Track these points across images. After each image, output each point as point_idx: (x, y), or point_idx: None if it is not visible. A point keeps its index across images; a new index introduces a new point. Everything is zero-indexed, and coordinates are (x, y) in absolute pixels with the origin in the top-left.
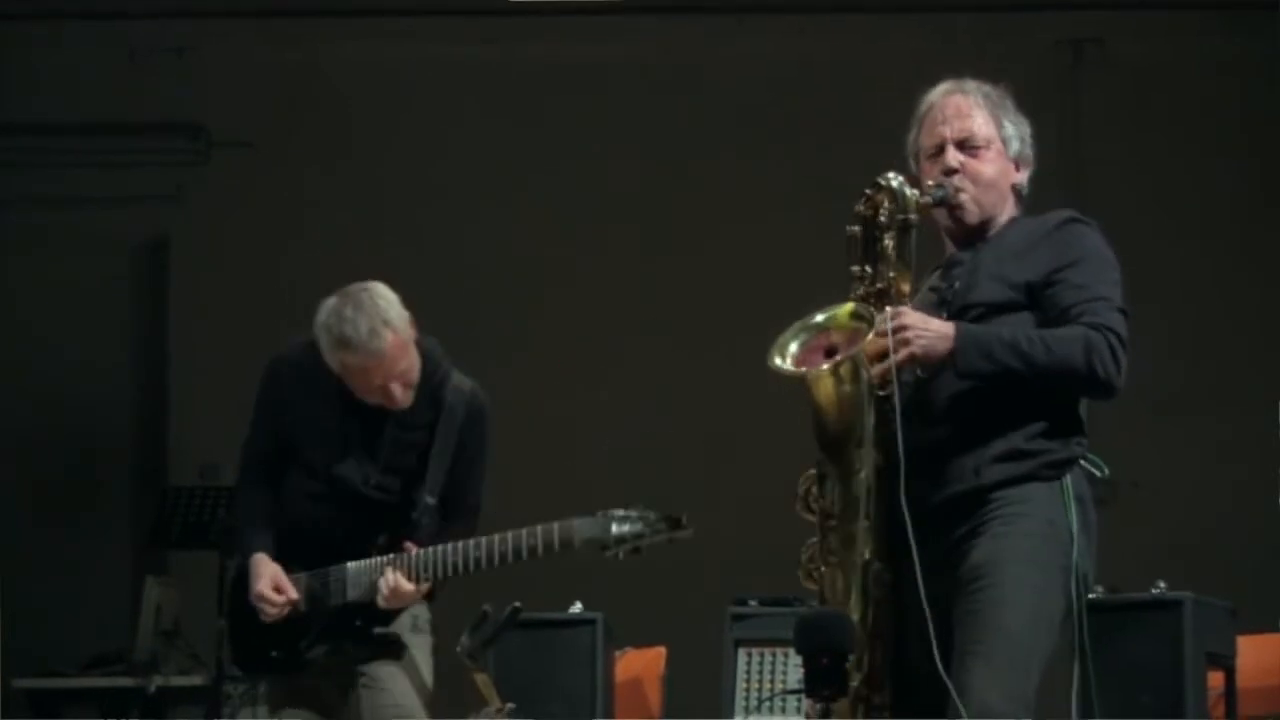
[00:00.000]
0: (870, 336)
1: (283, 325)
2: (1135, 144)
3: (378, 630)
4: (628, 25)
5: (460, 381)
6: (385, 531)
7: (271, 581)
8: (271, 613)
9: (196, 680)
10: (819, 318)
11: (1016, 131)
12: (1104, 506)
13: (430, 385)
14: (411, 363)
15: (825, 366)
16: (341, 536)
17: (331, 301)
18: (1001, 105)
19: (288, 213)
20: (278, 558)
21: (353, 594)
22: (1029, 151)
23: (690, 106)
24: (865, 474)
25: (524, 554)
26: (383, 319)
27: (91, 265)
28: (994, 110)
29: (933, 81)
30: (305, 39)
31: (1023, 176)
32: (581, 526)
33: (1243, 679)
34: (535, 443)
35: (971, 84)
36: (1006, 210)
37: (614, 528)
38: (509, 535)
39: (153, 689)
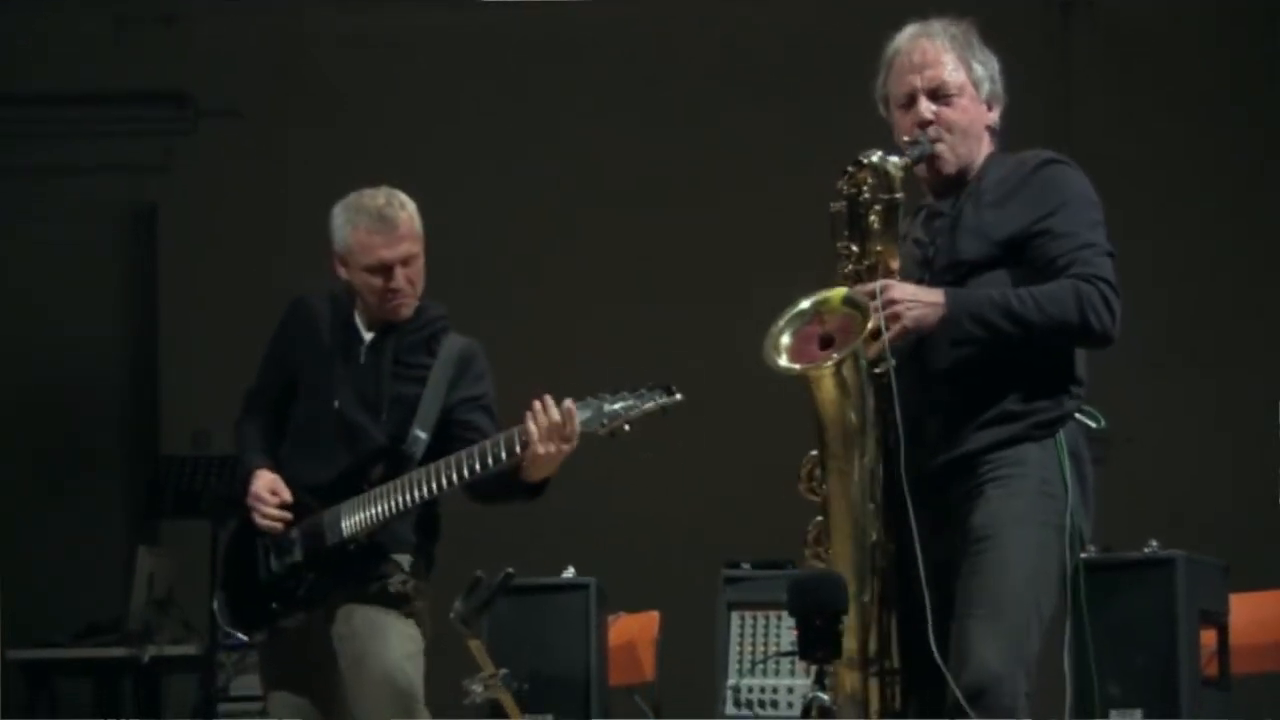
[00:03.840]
0: (870, 327)
1: (272, 294)
2: (1124, 103)
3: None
4: None
5: (458, 336)
6: (378, 469)
7: (268, 484)
8: (262, 509)
9: (190, 649)
10: (805, 304)
11: (986, 71)
12: (1097, 464)
13: (429, 332)
14: (419, 263)
15: (826, 365)
16: (337, 478)
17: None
18: (968, 45)
19: (276, 182)
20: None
21: (348, 530)
22: (999, 89)
23: (681, 76)
24: (868, 459)
25: (516, 449)
26: (400, 200)
27: (80, 235)
28: (962, 53)
29: None
30: (294, 8)
31: (995, 115)
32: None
33: (1236, 636)
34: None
35: (937, 25)
36: (982, 152)
37: (605, 406)
38: (500, 435)
39: (146, 658)
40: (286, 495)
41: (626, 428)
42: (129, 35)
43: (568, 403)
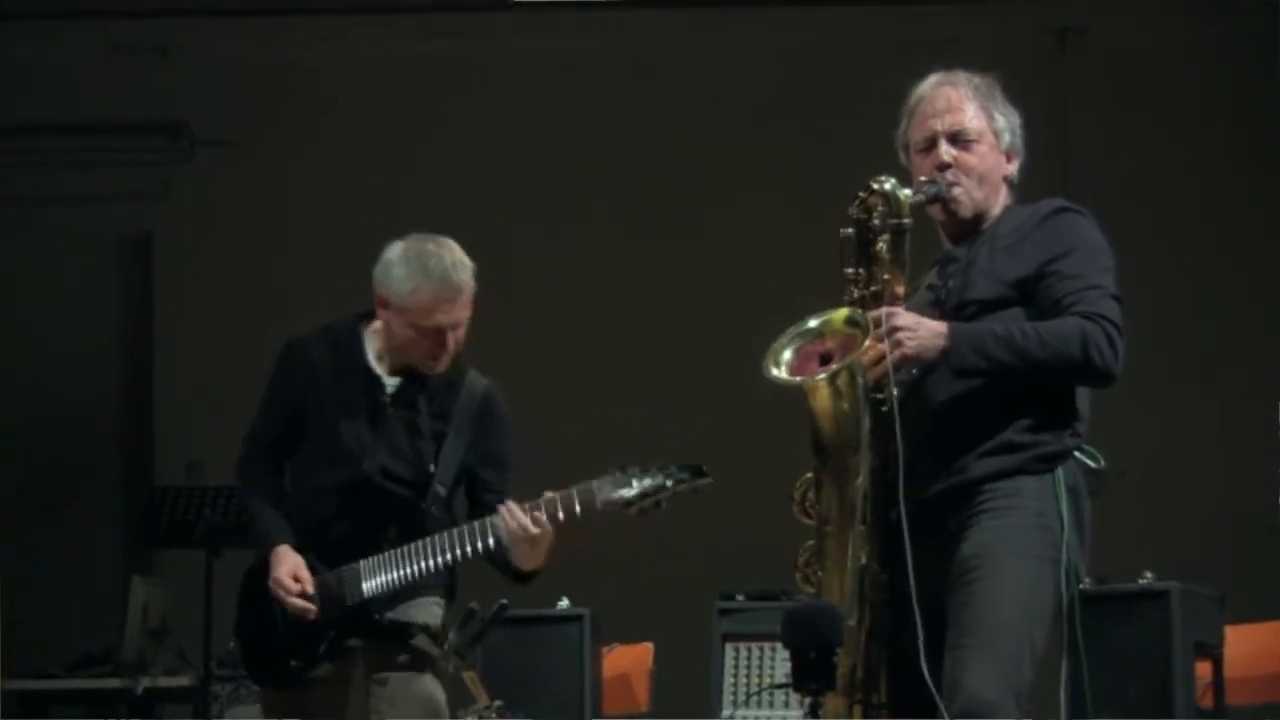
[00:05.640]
0: (867, 344)
1: (267, 322)
2: (1120, 131)
3: (393, 619)
4: (611, 19)
5: (477, 377)
6: (395, 524)
7: (290, 570)
8: (286, 600)
9: (184, 680)
10: (812, 323)
11: (1007, 123)
12: (1092, 497)
13: (454, 373)
14: (466, 324)
15: (822, 376)
16: (351, 531)
17: (402, 242)
18: (991, 97)
19: (271, 210)
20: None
21: (369, 590)
22: (1019, 142)
23: (675, 101)
24: (861, 480)
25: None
26: (463, 260)
27: (76, 264)
28: (984, 102)
29: (918, 71)
30: (288, 37)
31: (1014, 168)
32: (601, 487)
33: (1230, 668)
34: (523, 440)
35: (961, 75)
36: (999, 202)
37: (634, 483)
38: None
39: (140, 689)
40: (309, 585)
41: (660, 505)
42: (124, 65)
43: (531, 506)
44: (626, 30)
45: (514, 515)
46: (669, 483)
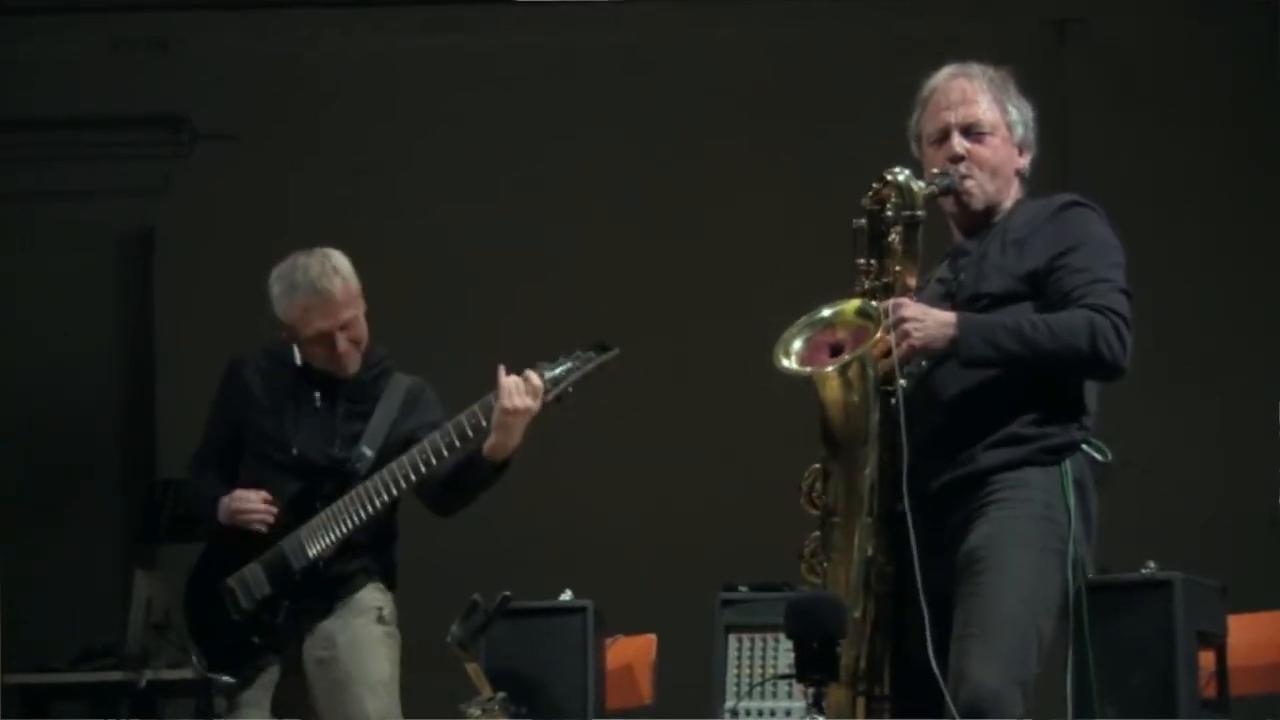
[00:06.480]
0: (878, 335)
1: (268, 317)
2: (1120, 124)
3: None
4: (613, 12)
5: (404, 375)
6: (327, 483)
7: (250, 491)
8: (250, 509)
9: (187, 673)
10: (825, 313)
11: (1020, 116)
12: (1096, 487)
13: (376, 372)
14: (359, 321)
15: (831, 367)
16: (291, 503)
17: (280, 264)
18: (1005, 89)
19: (273, 205)
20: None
21: (313, 550)
22: (1031, 136)
23: (677, 94)
24: (869, 471)
25: (468, 431)
26: (333, 266)
27: (77, 259)
28: (998, 95)
29: (916, 66)
30: (290, 31)
31: (1026, 161)
32: None
33: (1234, 658)
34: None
35: (976, 68)
36: (1011, 195)
37: (546, 373)
38: (450, 423)
39: (143, 682)
40: (266, 494)
41: (570, 390)
42: (125, 60)
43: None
44: (624, 24)
45: (510, 371)
46: (578, 365)
